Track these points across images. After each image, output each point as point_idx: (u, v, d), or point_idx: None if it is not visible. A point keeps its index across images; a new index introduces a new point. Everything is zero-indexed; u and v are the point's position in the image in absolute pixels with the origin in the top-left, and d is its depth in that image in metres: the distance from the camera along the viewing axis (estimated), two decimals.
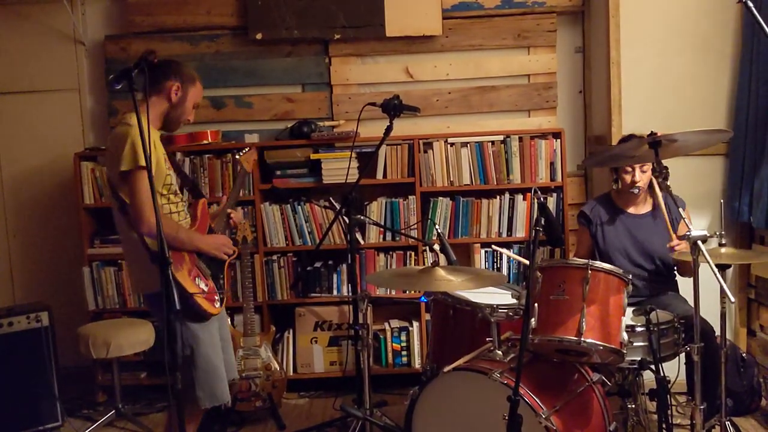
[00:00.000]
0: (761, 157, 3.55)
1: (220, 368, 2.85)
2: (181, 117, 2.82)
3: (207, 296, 2.77)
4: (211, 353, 2.81)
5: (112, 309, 4.18)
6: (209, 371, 2.80)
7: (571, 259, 2.78)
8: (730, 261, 3.05)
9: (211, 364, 2.81)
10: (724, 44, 3.93)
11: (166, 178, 2.74)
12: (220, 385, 2.85)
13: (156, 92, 2.74)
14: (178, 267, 2.70)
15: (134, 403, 4.09)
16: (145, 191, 2.57)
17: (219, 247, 2.89)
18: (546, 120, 4.40)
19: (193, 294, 2.69)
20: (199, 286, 2.76)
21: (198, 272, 2.81)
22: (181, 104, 2.79)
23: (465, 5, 4.34)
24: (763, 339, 3.89)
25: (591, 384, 2.76)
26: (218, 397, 2.85)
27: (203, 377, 2.79)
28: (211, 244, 2.86)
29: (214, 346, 2.84)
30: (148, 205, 2.56)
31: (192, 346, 2.77)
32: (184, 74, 2.79)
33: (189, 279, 2.73)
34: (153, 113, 2.74)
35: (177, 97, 2.77)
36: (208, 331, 2.81)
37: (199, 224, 2.90)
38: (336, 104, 4.41)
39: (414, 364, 4.19)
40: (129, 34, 4.39)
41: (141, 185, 2.58)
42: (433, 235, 4.08)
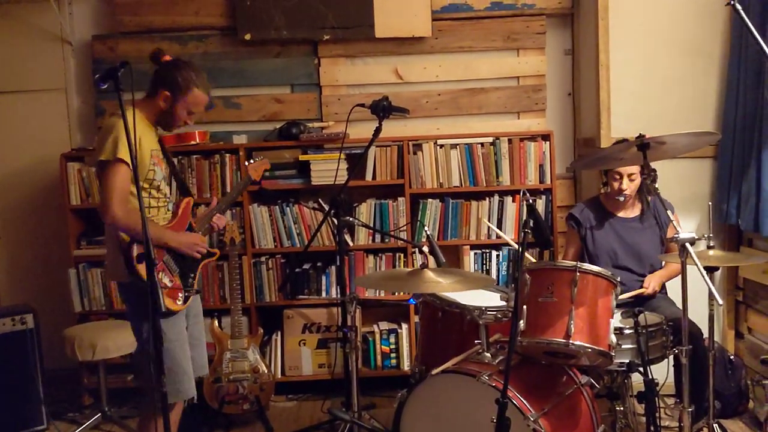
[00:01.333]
0: (749, 160, 3.56)
1: (185, 364, 2.85)
2: (173, 121, 2.86)
3: (169, 292, 2.77)
4: (176, 349, 2.80)
5: (98, 311, 4.15)
6: (173, 367, 2.77)
7: (560, 262, 2.78)
8: (719, 263, 3.06)
9: (176, 360, 2.80)
10: (713, 47, 3.95)
11: (149, 173, 2.77)
12: (185, 381, 2.84)
13: (152, 93, 2.83)
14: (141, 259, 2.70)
15: (120, 406, 4.04)
16: (116, 183, 2.64)
17: (190, 246, 2.88)
18: (535, 122, 4.40)
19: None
20: (162, 280, 2.76)
21: (164, 267, 2.81)
22: (170, 111, 2.82)
23: (454, 7, 4.34)
24: (750, 341, 3.90)
25: (579, 386, 2.75)
26: (183, 393, 2.84)
27: (167, 373, 2.70)
28: (182, 242, 2.85)
29: (179, 342, 2.83)
30: (117, 197, 2.64)
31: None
32: (178, 84, 2.79)
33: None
34: (148, 112, 2.83)
35: (166, 105, 2.80)
36: (174, 327, 2.80)
37: (177, 221, 2.91)
38: (325, 105, 4.39)
39: (403, 367, 4.18)
40: (116, 34, 4.36)
41: (114, 177, 2.63)
42: (423, 237, 4.06)
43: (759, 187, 3.45)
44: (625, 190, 3.36)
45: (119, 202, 2.65)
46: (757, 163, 3.46)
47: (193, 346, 3.00)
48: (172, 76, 2.80)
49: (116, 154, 2.60)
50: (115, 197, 2.62)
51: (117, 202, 2.63)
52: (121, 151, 2.61)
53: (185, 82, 2.81)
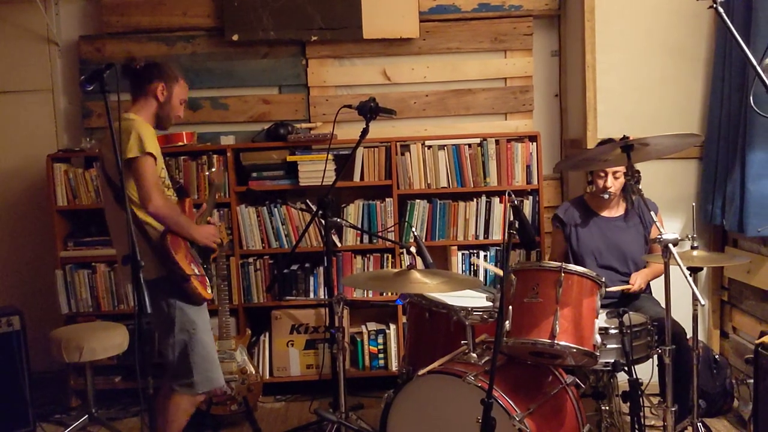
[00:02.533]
0: (734, 161, 3.59)
1: (215, 353, 3.01)
2: (171, 114, 2.98)
3: (201, 279, 2.89)
4: (206, 338, 2.95)
5: (85, 312, 4.13)
6: (206, 356, 2.92)
7: (545, 262, 2.80)
8: (703, 264, 3.09)
9: (207, 348, 2.94)
10: (698, 49, 3.98)
11: (161, 172, 2.89)
12: (216, 369, 2.99)
13: (143, 95, 2.92)
14: (177, 250, 2.83)
15: (108, 407, 4.04)
16: (150, 175, 2.74)
17: (209, 237, 3.02)
18: (522, 123, 4.42)
19: (190, 276, 2.82)
20: (193, 269, 2.88)
21: (192, 258, 2.93)
22: (168, 102, 2.95)
23: (442, 8, 4.35)
24: (735, 341, 3.93)
25: (565, 386, 2.77)
26: (214, 381, 2.97)
27: (200, 362, 2.91)
28: (203, 234, 2.99)
29: (208, 332, 2.97)
30: (156, 187, 2.75)
31: (189, 331, 2.88)
32: (167, 74, 2.94)
33: (186, 262, 2.85)
34: (145, 114, 2.92)
35: (164, 96, 2.92)
36: (203, 317, 2.95)
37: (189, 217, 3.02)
38: (313, 106, 4.39)
39: (391, 367, 4.19)
40: (103, 34, 4.34)
41: (148, 169, 2.74)
42: (410, 238, 4.08)
43: (743, 188, 3.48)
44: (609, 187, 3.38)
45: (159, 192, 2.76)
46: (742, 164, 3.49)
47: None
48: (160, 69, 2.94)
49: (144, 149, 2.72)
50: (154, 188, 2.74)
51: (157, 193, 2.75)
52: (148, 145, 2.74)
53: (172, 72, 2.97)
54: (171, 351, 2.89)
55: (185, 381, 2.91)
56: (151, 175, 2.75)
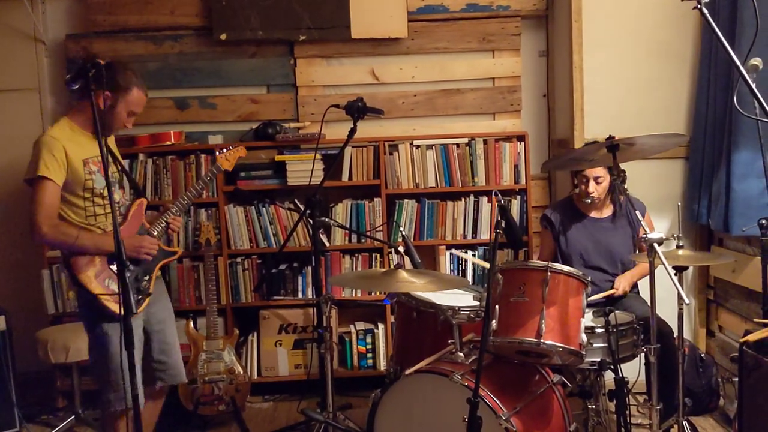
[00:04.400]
0: (719, 161, 3.62)
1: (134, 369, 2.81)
2: (113, 123, 2.83)
3: (115, 298, 2.75)
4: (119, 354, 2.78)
5: (72, 313, 4.09)
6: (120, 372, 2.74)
7: (531, 262, 2.80)
8: (688, 263, 3.11)
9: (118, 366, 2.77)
10: (684, 50, 4.00)
11: (86, 182, 2.76)
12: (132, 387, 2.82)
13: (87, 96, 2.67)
14: (83, 269, 2.75)
15: (94, 408, 4.01)
16: (41, 200, 2.67)
17: (136, 249, 2.87)
18: (510, 123, 4.43)
19: (97, 295, 2.73)
20: (108, 287, 2.77)
21: (110, 274, 2.80)
22: (110, 112, 2.79)
23: (430, 8, 4.36)
24: (721, 339, 3.96)
25: (551, 385, 2.78)
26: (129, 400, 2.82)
27: (115, 378, 2.79)
28: (127, 246, 2.76)
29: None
30: (42, 214, 2.67)
31: (106, 346, 2.78)
32: (118, 84, 2.76)
33: (95, 281, 2.76)
34: (81, 117, 2.80)
35: (105, 105, 2.77)
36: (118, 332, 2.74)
37: (127, 224, 2.91)
38: (301, 105, 4.39)
39: (379, 367, 4.19)
40: (90, 33, 4.32)
41: (39, 195, 2.67)
42: (398, 238, 4.08)
43: (728, 187, 3.50)
44: (591, 193, 3.41)
45: (45, 219, 2.67)
46: (727, 164, 3.51)
47: (166, 353, 3.02)
48: (113, 76, 2.74)
49: (37, 172, 2.64)
50: (40, 214, 2.66)
51: (43, 219, 2.67)
52: (43, 168, 2.65)
53: (125, 82, 2.80)
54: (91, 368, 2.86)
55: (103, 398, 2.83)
56: (42, 200, 2.66)
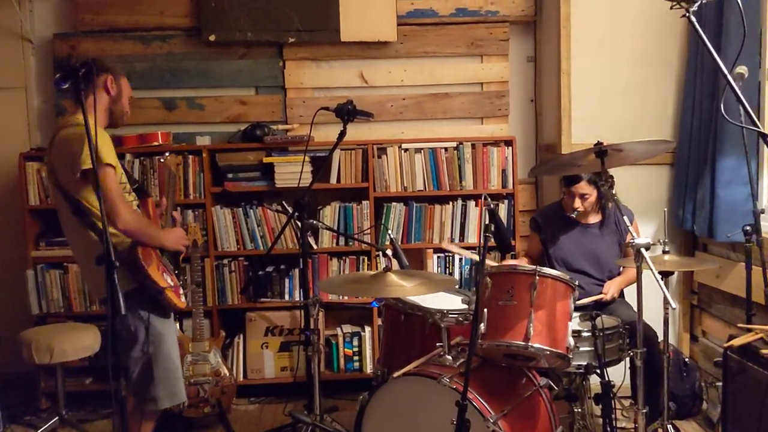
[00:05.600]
0: (704, 167, 3.65)
1: (179, 366, 2.89)
2: (124, 109, 2.83)
3: (175, 290, 2.80)
4: (173, 351, 2.84)
5: (56, 313, 4.08)
6: (171, 369, 2.82)
7: (520, 265, 2.82)
8: (674, 268, 3.14)
9: (173, 362, 2.84)
10: (671, 57, 4.04)
11: (122, 177, 2.75)
12: (179, 383, 2.87)
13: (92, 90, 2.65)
14: (149, 262, 2.72)
15: (78, 409, 4.00)
16: (115, 187, 2.60)
17: (178, 241, 2.90)
18: (498, 128, 4.45)
19: (164, 288, 2.72)
20: (167, 280, 2.78)
21: (164, 267, 2.82)
22: (120, 95, 2.80)
23: (420, 12, 4.37)
24: (705, 344, 4.00)
25: (538, 388, 2.80)
26: (178, 396, 2.86)
27: (164, 376, 2.80)
28: (172, 239, 2.86)
29: (174, 343, 2.87)
30: (122, 201, 2.61)
31: (156, 344, 2.77)
32: (111, 68, 2.79)
33: (159, 274, 2.75)
34: (98, 111, 2.70)
35: (114, 90, 2.77)
36: (171, 329, 2.85)
37: (153, 222, 2.91)
38: (290, 108, 4.39)
39: (366, 370, 4.19)
40: (78, 32, 4.30)
41: (110, 182, 2.59)
42: (386, 240, 4.09)
43: (713, 194, 3.54)
44: (577, 207, 3.45)
45: (125, 206, 2.63)
46: (712, 171, 3.55)
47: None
48: (103, 64, 2.76)
49: (102, 160, 2.55)
50: (120, 203, 2.59)
51: (124, 207, 2.61)
52: (105, 155, 2.57)
53: (115, 66, 2.82)
54: (134, 364, 2.76)
55: (149, 395, 2.78)
56: (115, 188, 2.60)
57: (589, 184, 3.42)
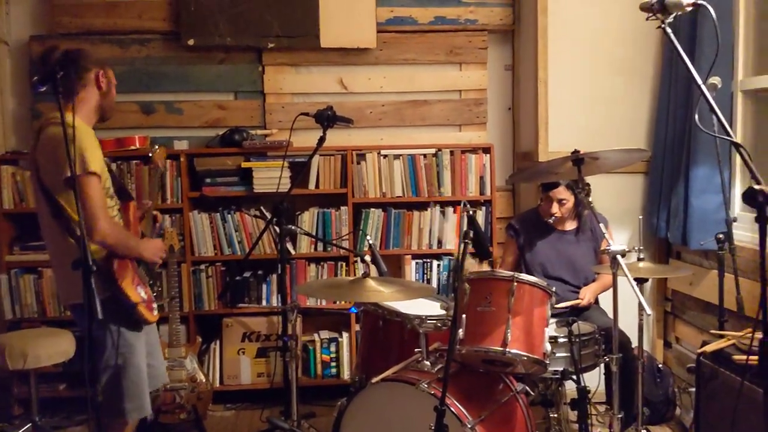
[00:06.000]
0: (678, 176, 3.71)
1: (146, 379, 2.81)
2: (113, 102, 2.76)
3: (147, 305, 2.73)
4: (142, 364, 2.76)
5: (30, 318, 4.02)
6: (139, 382, 2.74)
7: (498, 272, 2.84)
8: (648, 275, 3.19)
9: (142, 375, 2.75)
10: (646, 67, 4.11)
11: (106, 182, 2.66)
12: (146, 396, 2.80)
13: (82, 86, 2.65)
14: (124, 276, 2.65)
15: (52, 416, 3.94)
16: (97, 197, 2.51)
17: (156, 252, 2.81)
18: (476, 135, 4.49)
19: (136, 303, 2.66)
20: (140, 294, 2.70)
21: (139, 280, 2.75)
22: (110, 89, 2.73)
23: (399, 20, 4.40)
24: (678, 350, 4.06)
25: (515, 394, 2.82)
26: (145, 409, 2.80)
27: (133, 388, 2.72)
28: (151, 250, 2.77)
29: (143, 356, 2.78)
30: (102, 211, 2.52)
31: (126, 356, 2.69)
32: (98, 59, 2.72)
33: (133, 288, 2.68)
34: (86, 109, 2.67)
35: (105, 84, 2.70)
36: (141, 341, 2.76)
37: (133, 229, 2.83)
38: (269, 113, 4.38)
39: (343, 376, 4.19)
40: (55, 35, 4.25)
41: (92, 191, 2.50)
42: (365, 246, 4.09)
43: (687, 202, 3.60)
44: (555, 213, 3.49)
45: (105, 217, 2.53)
46: (686, 180, 3.61)
47: (153, 355, 2.93)
48: (90, 55, 2.69)
49: (87, 168, 2.48)
50: (100, 213, 2.50)
51: (103, 218, 2.51)
52: (90, 163, 2.50)
53: (100, 56, 2.81)
54: (102, 374, 2.67)
55: (117, 408, 2.70)
56: (97, 198, 2.51)
57: (567, 190, 3.47)
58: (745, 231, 3.41)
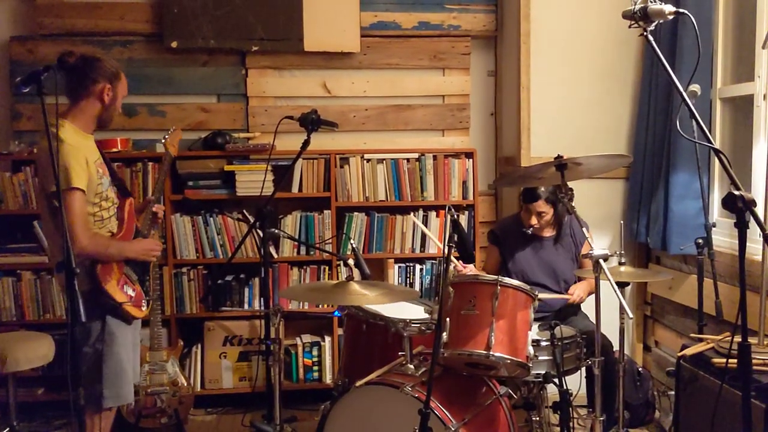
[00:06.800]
0: (658, 182, 3.76)
1: (129, 370, 2.88)
2: (114, 114, 2.85)
3: (134, 303, 2.81)
4: (122, 353, 2.82)
5: (8, 322, 3.97)
6: (118, 371, 2.81)
7: (482, 275, 2.86)
8: (630, 279, 3.22)
9: (121, 364, 2.82)
10: (626, 74, 4.15)
11: (98, 187, 2.75)
12: (126, 386, 2.87)
13: (85, 95, 2.75)
14: (108, 279, 2.73)
15: (30, 420, 3.90)
16: (78, 212, 2.62)
17: (147, 252, 2.92)
18: (459, 140, 4.51)
19: (122, 303, 2.74)
20: (127, 293, 2.79)
21: (126, 279, 2.83)
22: (113, 103, 2.81)
23: (383, 24, 4.41)
24: (657, 354, 4.10)
25: (498, 397, 2.84)
26: (123, 397, 2.87)
27: (111, 376, 2.80)
28: (139, 251, 2.88)
29: (126, 346, 2.85)
30: (81, 225, 2.63)
31: (108, 343, 2.77)
32: (110, 72, 2.79)
33: (118, 289, 2.76)
34: (85, 117, 2.77)
35: (109, 98, 2.78)
36: (125, 331, 2.84)
37: (126, 227, 2.90)
38: (252, 116, 4.37)
39: (325, 380, 4.18)
40: (36, 36, 4.22)
41: (74, 206, 2.61)
42: (348, 250, 4.09)
43: (666, 208, 3.64)
44: (534, 224, 3.52)
45: (84, 231, 2.64)
46: (665, 186, 3.65)
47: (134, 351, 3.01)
48: (103, 67, 2.77)
49: (70, 183, 2.58)
50: (78, 227, 2.61)
51: (82, 232, 2.62)
52: (74, 179, 2.60)
53: (114, 69, 2.81)
54: (83, 360, 2.74)
55: (94, 393, 2.77)
56: (78, 213, 2.63)
57: (546, 203, 3.50)
58: (724, 236, 3.46)
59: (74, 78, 2.75)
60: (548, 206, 3.50)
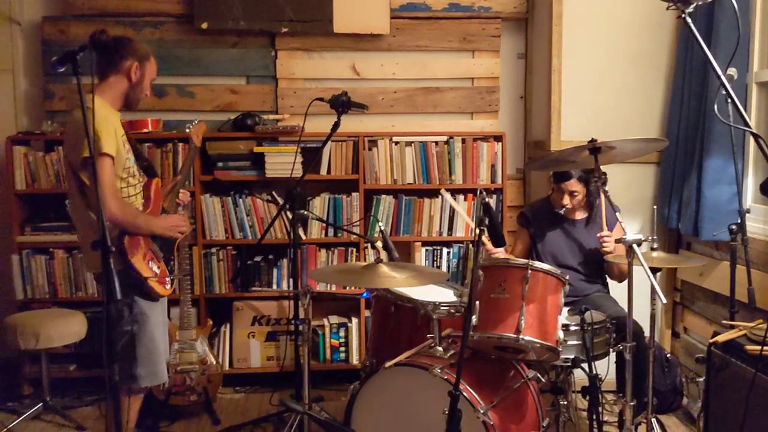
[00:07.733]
0: (691, 167, 3.71)
1: (162, 348, 2.94)
2: (141, 94, 2.88)
3: (159, 279, 2.84)
4: (156, 332, 2.88)
5: (41, 299, 4.04)
6: (152, 350, 2.86)
7: (512, 259, 2.85)
8: (662, 265, 3.19)
9: (155, 342, 2.88)
10: (660, 57, 4.09)
11: (126, 162, 2.78)
12: (161, 364, 2.93)
13: (114, 72, 2.79)
14: (135, 252, 2.77)
15: (62, 396, 3.97)
16: (107, 178, 2.65)
17: (172, 228, 2.96)
18: (488, 123, 4.48)
19: (147, 278, 2.78)
20: (152, 269, 2.83)
21: (152, 255, 2.87)
22: (141, 82, 2.84)
23: (413, 6, 4.38)
24: (686, 341, 4.07)
25: (527, 380, 2.84)
26: (158, 377, 2.93)
27: (146, 355, 2.85)
28: (165, 227, 2.92)
29: (158, 325, 2.91)
30: (111, 192, 2.66)
31: (140, 323, 2.82)
32: (140, 52, 2.83)
33: (144, 264, 2.80)
34: (113, 93, 2.80)
35: (137, 77, 2.82)
36: (156, 310, 2.89)
37: (152, 206, 2.94)
38: (281, 98, 4.38)
39: (352, 360, 4.21)
40: (68, 16, 4.25)
41: (103, 173, 2.64)
42: (376, 232, 4.10)
43: (699, 193, 3.59)
44: (566, 204, 3.49)
45: (113, 198, 2.67)
46: (698, 171, 3.60)
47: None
48: (133, 46, 2.82)
49: (100, 149, 2.61)
50: (108, 194, 2.64)
51: (111, 199, 2.65)
52: (104, 145, 2.63)
53: (144, 49, 2.86)
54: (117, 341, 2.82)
55: (130, 373, 2.82)
56: (107, 179, 2.65)
57: (578, 182, 3.47)
58: (758, 222, 3.41)
59: (105, 55, 2.79)
60: (581, 185, 3.47)
